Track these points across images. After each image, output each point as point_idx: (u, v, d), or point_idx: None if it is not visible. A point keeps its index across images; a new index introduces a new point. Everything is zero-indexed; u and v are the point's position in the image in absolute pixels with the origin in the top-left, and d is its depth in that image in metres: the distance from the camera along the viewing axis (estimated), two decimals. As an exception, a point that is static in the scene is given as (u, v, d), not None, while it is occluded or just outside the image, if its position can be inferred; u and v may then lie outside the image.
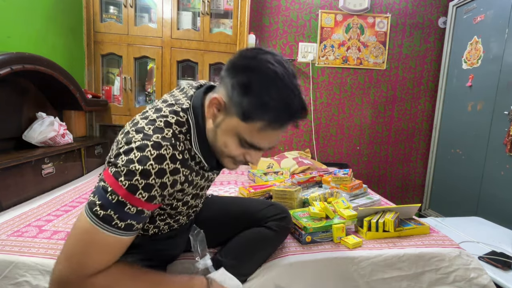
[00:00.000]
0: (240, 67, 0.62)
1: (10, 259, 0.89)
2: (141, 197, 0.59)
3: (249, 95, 0.60)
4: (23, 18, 1.61)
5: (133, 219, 0.60)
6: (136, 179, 0.58)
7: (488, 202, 2.11)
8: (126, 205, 0.58)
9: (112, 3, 2.12)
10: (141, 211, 0.60)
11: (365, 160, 2.81)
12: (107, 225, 0.58)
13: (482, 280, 1.05)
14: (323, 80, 2.66)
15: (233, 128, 0.64)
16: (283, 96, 0.60)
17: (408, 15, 2.64)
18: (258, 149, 0.67)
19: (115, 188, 0.58)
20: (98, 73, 2.12)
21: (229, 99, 0.63)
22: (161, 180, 0.60)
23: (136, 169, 0.58)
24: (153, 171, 0.58)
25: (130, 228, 0.60)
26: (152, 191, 0.59)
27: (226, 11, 2.21)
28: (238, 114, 0.62)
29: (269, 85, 0.59)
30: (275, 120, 0.62)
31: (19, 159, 1.28)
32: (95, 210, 0.58)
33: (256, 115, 0.61)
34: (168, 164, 0.60)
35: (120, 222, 0.59)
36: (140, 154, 0.59)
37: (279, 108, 0.60)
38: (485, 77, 2.18)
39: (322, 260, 0.99)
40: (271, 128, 0.63)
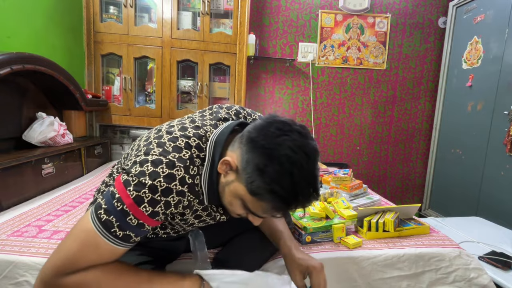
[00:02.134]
0: (260, 146, 0.60)
1: (10, 259, 0.89)
2: (144, 210, 0.59)
3: (261, 179, 0.59)
4: (23, 18, 1.61)
5: (132, 231, 0.60)
6: (144, 191, 0.58)
7: (488, 202, 2.11)
8: (129, 215, 0.59)
9: (112, 3, 2.12)
10: (142, 225, 0.61)
11: (365, 160, 2.81)
12: (106, 231, 0.59)
13: (482, 280, 1.05)
14: (323, 80, 2.66)
15: (239, 194, 0.64)
16: (295, 188, 0.59)
17: (408, 15, 2.64)
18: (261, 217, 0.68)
19: (123, 196, 0.59)
20: (98, 73, 2.12)
21: (242, 168, 0.62)
22: (166, 198, 0.60)
23: (145, 182, 0.59)
24: (160, 188, 0.59)
25: (127, 239, 0.61)
26: (156, 207, 0.60)
27: (226, 11, 2.21)
28: (246, 186, 0.62)
29: (283, 177, 0.58)
30: (280, 206, 0.62)
31: (19, 159, 1.28)
32: (99, 213, 0.59)
33: (263, 198, 0.61)
34: (176, 185, 0.61)
35: (119, 231, 0.59)
36: (152, 169, 0.60)
37: (287, 198, 0.60)
38: (485, 77, 2.18)
39: (322, 260, 0.98)
40: (275, 210, 0.63)
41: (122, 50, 2.09)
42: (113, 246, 0.60)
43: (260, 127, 0.62)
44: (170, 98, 2.17)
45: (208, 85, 2.20)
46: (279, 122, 0.62)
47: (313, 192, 0.61)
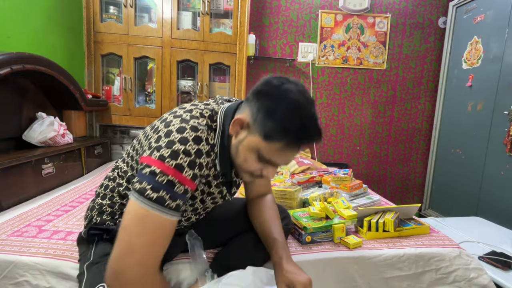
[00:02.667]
0: (266, 93, 0.68)
1: (10, 259, 0.89)
2: (187, 175, 0.63)
3: (273, 119, 0.66)
4: (23, 18, 1.61)
5: (181, 198, 0.64)
6: (181, 157, 0.62)
7: (488, 202, 2.11)
8: (175, 184, 0.62)
9: (112, 3, 2.12)
10: (186, 191, 0.64)
11: (365, 160, 2.81)
12: (161, 207, 0.60)
13: (482, 280, 1.05)
14: (323, 80, 2.66)
15: (254, 145, 0.69)
16: (303, 123, 0.66)
17: (408, 15, 2.64)
18: (275, 165, 0.72)
19: (164, 169, 0.61)
20: (98, 73, 2.12)
21: (253, 120, 0.69)
22: (200, 160, 0.65)
23: (179, 149, 0.63)
24: (193, 151, 0.64)
25: (178, 208, 0.63)
26: (195, 169, 0.65)
27: (226, 11, 2.21)
28: (260, 134, 0.67)
29: (291, 113, 0.66)
30: (293, 142, 0.67)
31: (19, 159, 1.28)
32: (147, 195, 0.60)
33: (277, 136, 0.66)
34: (204, 146, 0.66)
35: (172, 202, 0.62)
36: (180, 136, 0.64)
37: (298, 133, 0.66)
38: (485, 77, 2.18)
39: (322, 260, 0.99)
40: (289, 148, 0.68)
41: (122, 50, 2.09)
42: (172, 220, 0.62)
43: (263, 82, 0.71)
44: (170, 98, 2.17)
45: (208, 85, 2.20)
46: (277, 77, 0.71)
47: (318, 131, 0.68)
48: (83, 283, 0.73)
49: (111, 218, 0.82)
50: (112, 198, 0.82)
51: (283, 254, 0.78)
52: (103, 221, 0.82)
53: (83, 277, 0.74)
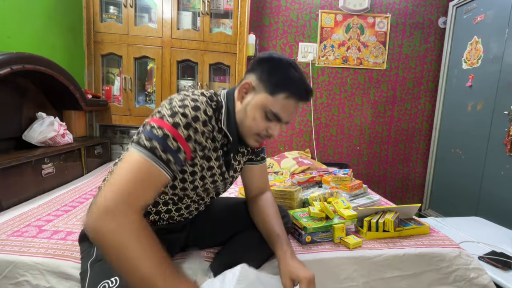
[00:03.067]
0: (267, 59, 0.81)
1: (10, 259, 0.89)
2: (181, 133, 0.68)
3: (277, 74, 0.78)
4: (23, 18, 1.61)
5: (172, 155, 0.67)
6: (179, 117, 0.69)
7: (488, 202, 2.11)
8: (169, 137, 0.67)
9: (112, 3, 2.12)
10: (180, 150, 0.68)
11: (365, 160, 2.81)
12: (152, 155, 0.65)
13: (482, 280, 1.05)
14: (323, 80, 2.66)
15: (261, 102, 0.78)
16: (301, 77, 0.79)
17: (408, 15, 2.64)
18: (279, 121, 0.80)
19: (161, 125, 0.68)
20: (98, 73, 2.12)
21: (258, 81, 0.79)
22: (196, 124, 0.71)
23: (178, 110, 0.70)
24: (190, 115, 0.70)
25: (168, 163, 0.67)
26: (190, 131, 0.70)
27: (226, 11, 2.21)
28: (266, 90, 0.78)
29: (291, 69, 0.79)
30: (295, 92, 0.78)
31: (19, 159, 1.28)
32: (142, 142, 0.66)
33: (282, 87, 0.77)
34: (201, 115, 0.72)
35: (163, 154, 0.66)
36: (180, 103, 0.72)
37: (299, 84, 0.78)
38: (485, 77, 2.18)
39: (322, 260, 0.99)
40: (291, 99, 0.78)
41: (122, 50, 2.09)
42: (161, 171, 0.66)
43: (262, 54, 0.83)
44: (170, 98, 2.16)
45: (208, 85, 2.20)
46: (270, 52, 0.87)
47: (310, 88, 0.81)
48: (86, 281, 0.73)
49: None
50: None
51: (288, 250, 0.82)
52: None
53: (86, 275, 0.75)
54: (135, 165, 0.64)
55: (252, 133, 0.81)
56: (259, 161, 0.99)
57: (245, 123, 0.81)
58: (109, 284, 0.68)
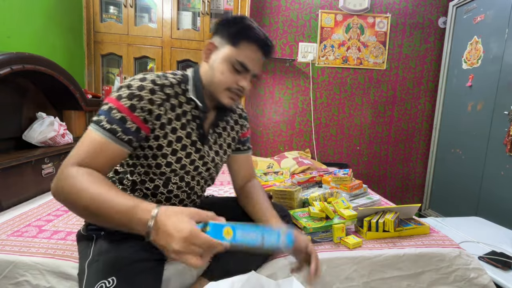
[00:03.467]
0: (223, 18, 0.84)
1: (10, 259, 0.89)
2: (124, 103, 0.72)
3: (235, 25, 0.81)
4: (23, 18, 1.61)
5: (118, 124, 0.71)
6: (123, 90, 0.73)
7: (488, 202, 2.11)
8: (112, 109, 0.71)
9: (112, 3, 2.12)
10: (124, 119, 0.71)
11: (365, 160, 2.81)
12: (97, 125, 0.70)
13: (482, 280, 1.05)
14: (323, 80, 2.66)
15: (226, 55, 0.80)
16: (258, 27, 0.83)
17: (408, 15, 2.64)
18: (247, 71, 0.82)
19: (109, 101, 0.73)
20: (98, 73, 2.12)
21: (219, 39, 0.82)
22: (140, 92, 0.73)
23: (125, 85, 0.74)
24: (135, 85, 0.74)
25: (114, 132, 0.70)
26: (133, 100, 0.72)
27: (226, 11, 2.21)
28: (228, 42, 0.80)
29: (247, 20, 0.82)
30: (255, 38, 0.80)
31: (19, 159, 1.28)
32: (93, 120, 0.72)
33: (242, 35, 0.80)
34: (147, 83, 0.75)
35: (107, 124, 0.70)
36: (128, 80, 0.76)
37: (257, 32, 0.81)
38: (485, 77, 2.18)
39: (322, 260, 0.98)
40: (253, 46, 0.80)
41: (122, 50, 2.09)
42: (104, 139, 0.70)
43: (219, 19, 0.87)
44: (170, 98, 2.16)
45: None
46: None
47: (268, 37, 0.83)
48: (84, 281, 0.73)
49: None
50: None
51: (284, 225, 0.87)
52: None
53: (83, 275, 0.75)
54: (86, 137, 0.71)
55: (223, 89, 0.82)
56: (245, 150, 1.02)
57: (214, 79, 0.82)
58: (106, 284, 0.69)
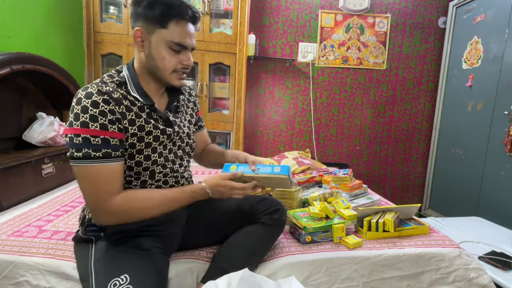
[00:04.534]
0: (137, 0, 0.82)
1: (10, 259, 0.89)
2: (94, 127, 0.73)
3: (158, 5, 0.78)
4: (23, 18, 1.61)
5: (105, 147, 0.74)
6: (82, 116, 0.72)
7: (488, 202, 2.11)
8: (89, 139, 0.72)
9: (112, 3, 2.12)
10: (106, 140, 0.74)
11: (365, 160, 2.81)
12: (89, 160, 0.72)
13: (482, 280, 1.05)
14: (323, 80, 2.66)
15: (161, 39, 0.80)
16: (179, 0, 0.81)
17: (408, 15, 2.64)
18: (185, 48, 0.83)
19: (74, 132, 0.72)
20: (98, 73, 2.12)
21: (145, 24, 0.80)
22: (98, 109, 0.73)
23: (78, 109, 0.73)
24: (88, 104, 0.73)
25: (108, 155, 0.74)
26: (99, 120, 0.73)
27: (226, 11, 2.21)
28: (157, 26, 0.79)
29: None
30: (181, 13, 0.80)
31: (19, 159, 1.28)
32: (75, 156, 0.72)
33: (168, 15, 0.79)
34: (97, 97, 0.74)
35: (97, 153, 0.73)
36: (75, 99, 0.74)
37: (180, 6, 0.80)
38: (485, 77, 2.18)
39: (322, 260, 0.99)
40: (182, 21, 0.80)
41: (122, 50, 2.09)
42: (106, 165, 0.74)
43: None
44: (170, 98, 2.16)
45: (208, 85, 2.20)
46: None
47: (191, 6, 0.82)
48: (92, 282, 0.73)
49: None
50: None
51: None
52: None
53: (89, 276, 0.75)
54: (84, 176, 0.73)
55: (169, 73, 0.83)
56: (202, 127, 1.12)
57: (158, 66, 0.82)
58: (120, 282, 0.70)
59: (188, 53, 0.85)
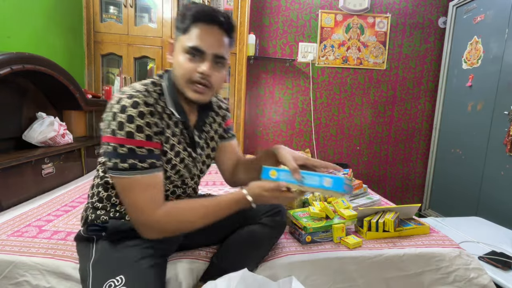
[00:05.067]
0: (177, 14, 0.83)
1: (10, 259, 0.89)
2: (140, 138, 0.71)
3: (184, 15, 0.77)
4: (23, 18, 1.61)
5: (150, 158, 0.72)
6: (127, 126, 0.69)
7: (488, 202, 2.11)
8: (135, 149, 0.70)
9: (112, 3, 2.12)
10: (151, 150, 0.73)
11: (365, 160, 2.81)
12: (136, 170, 0.71)
13: (482, 280, 1.05)
14: (323, 80, 2.66)
15: (181, 45, 0.78)
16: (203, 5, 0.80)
17: (408, 15, 2.64)
18: (202, 53, 0.77)
19: (118, 142, 0.69)
20: (98, 73, 2.12)
21: (175, 34, 0.80)
22: (144, 120, 0.71)
23: (123, 118, 0.69)
24: (135, 114, 0.70)
25: (154, 165, 0.73)
26: (144, 131, 0.71)
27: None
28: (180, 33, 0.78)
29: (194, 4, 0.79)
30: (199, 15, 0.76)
31: (19, 159, 1.28)
32: (120, 167, 0.70)
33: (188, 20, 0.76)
34: (144, 108, 0.72)
35: (143, 164, 0.71)
36: (118, 106, 0.70)
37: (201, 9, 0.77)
38: (485, 77, 2.18)
39: (322, 260, 0.99)
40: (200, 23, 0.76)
41: (122, 50, 2.09)
42: (152, 175, 0.73)
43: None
44: (170, 98, 2.16)
45: (208, 85, 2.20)
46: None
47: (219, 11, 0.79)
48: (89, 282, 0.73)
49: (104, 211, 0.84)
50: (98, 194, 0.85)
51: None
52: (98, 216, 0.83)
53: (87, 276, 0.75)
54: (130, 188, 0.71)
55: (185, 82, 0.78)
56: (230, 137, 1.02)
57: (176, 75, 0.79)
58: (115, 283, 0.69)
59: (206, 59, 0.77)
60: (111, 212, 0.83)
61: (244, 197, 0.79)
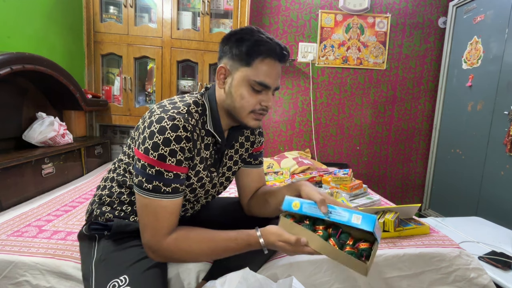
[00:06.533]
0: (230, 34, 0.79)
1: (10, 259, 0.89)
2: (171, 162, 0.71)
3: (245, 42, 0.75)
4: (23, 18, 1.61)
5: (175, 182, 0.73)
6: (162, 148, 0.70)
7: (488, 202, 2.11)
8: (163, 173, 0.71)
9: (112, 3, 2.12)
10: (178, 175, 0.73)
11: (365, 160, 2.81)
12: (158, 194, 0.71)
13: (482, 280, 1.05)
14: (323, 80, 2.66)
15: (243, 77, 0.76)
16: (269, 36, 0.77)
17: (408, 15, 2.64)
18: (267, 88, 0.78)
19: (149, 162, 0.70)
20: (98, 73, 2.12)
21: (231, 61, 0.78)
22: (180, 145, 0.71)
23: (159, 140, 0.70)
24: (172, 138, 0.70)
25: (176, 190, 0.74)
26: (177, 156, 0.72)
27: (226, 11, 2.21)
28: (241, 64, 0.76)
29: (255, 33, 0.76)
30: (268, 51, 0.75)
31: (19, 159, 1.28)
32: (145, 187, 0.71)
33: (254, 53, 0.75)
34: (181, 132, 0.71)
35: (167, 188, 0.72)
36: (159, 126, 0.70)
37: (269, 43, 0.75)
38: (485, 77, 2.18)
39: (322, 260, 0.99)
40: (268, 59, 0.76)
41: (122, 50, 2.09)
42: (172, 200, 0.73)
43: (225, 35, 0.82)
44: (170, 98, 2.16)
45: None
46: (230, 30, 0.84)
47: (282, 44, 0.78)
48: (92, 281, 0.73)
49: (110, 208, 0.84)
50: (111, 188, 0.85)
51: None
52: (103, 212, 0.83)
53: (90, 275, 0.75)
54: (148, 209, 0.72)
55: (247, 113, 0.78)
56: (256, 165, 0.98)
57: (235, 105, 0.78)
58: (119, 283, 0.69)
59: (269, 93, 0.79)
60: (116, 210, 0.83)
61: (257, 241, 0.76)
